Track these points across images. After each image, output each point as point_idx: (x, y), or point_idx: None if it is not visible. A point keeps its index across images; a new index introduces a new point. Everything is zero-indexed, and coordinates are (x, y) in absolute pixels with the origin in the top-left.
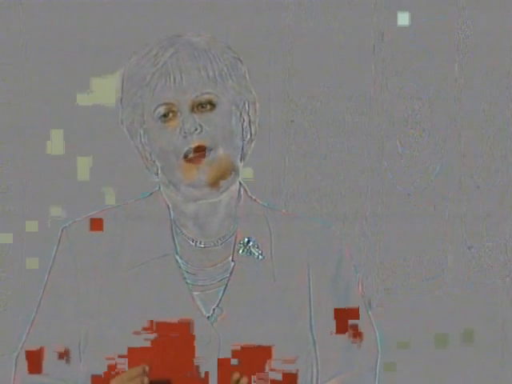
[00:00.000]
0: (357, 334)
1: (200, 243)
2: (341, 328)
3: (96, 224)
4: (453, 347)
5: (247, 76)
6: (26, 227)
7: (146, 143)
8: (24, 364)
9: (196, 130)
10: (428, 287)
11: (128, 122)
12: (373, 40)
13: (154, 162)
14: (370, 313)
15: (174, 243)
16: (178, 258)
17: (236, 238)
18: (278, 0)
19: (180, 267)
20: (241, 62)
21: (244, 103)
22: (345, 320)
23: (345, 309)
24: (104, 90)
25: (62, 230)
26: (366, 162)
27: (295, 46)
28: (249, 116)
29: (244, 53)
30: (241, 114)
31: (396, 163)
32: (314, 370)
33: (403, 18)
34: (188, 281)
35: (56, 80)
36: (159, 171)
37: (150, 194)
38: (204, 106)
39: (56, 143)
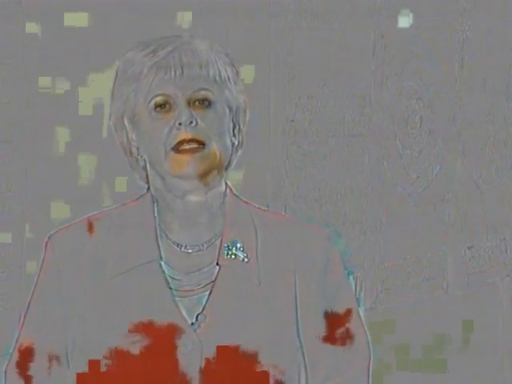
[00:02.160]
0: (347, 337)
1: (185, 247)
2: (330, 334)
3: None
4: (452, 347)
5: (241, 84)
6: (26, 229)
7: (134, 138)
8: (14, 375)
9: (191, 123)
10: (428, 287)
11: (117, 114)
12: (373, 40)
13: (141, 157)
14: (361, 316)
15: (159, 249)
16: (162, 263)
17: (222, 240)
18: (279, 0)
19: (164, 273)
20: (236, 69)
21: (237, 109)
22: (334, 326)
23: (334, 314)
24: (105, 88)
25: (48, 238)
26: (366, 162)
27: (295, 46)
28: (238, 123)
29: (244, 53)
30: (232, 120)
31: (396, 163)
32: (302, 374)
33: (404, 21)
34: (172, 287)
35: (56, 79)
36: (148, 166)
37: (137, 199)
38: (200, 102)
39: (57, 143)
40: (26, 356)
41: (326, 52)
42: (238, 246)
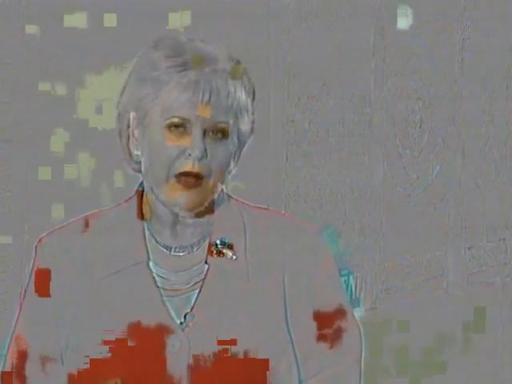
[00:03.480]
0: (337, 335)
1: (175, 250)
2: (320, 332)
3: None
4: (452, 347)
5: (254, 112)
6: (26, 229)
7: (136, 136)
8: (10, 378)
9: (202, 157)
10: (428, 287)
11: (126, 107)
12: (373, 40)
13: (138, 156)
14: (351, 309)
15: (147, 251)
16: (151, 264)
17: (211, 238)
18: (278, 0)
19: (153, 274)
20: (254, 93)
21: (242, 138)
22: (323, 324)
23: (323, 312)
24: (104, 88)
25: (38, 241)
26: (366, 162)
27: (295, 46)
28: (240, 151)
29: (244, 53)
30: (236, 148)
31: (396, 163)
32: (294, 369)
33: (404, 21)
34: (161, 286)
35: (56, 80)
36: (142, 169)
37: (127, 200)
38: (215, 133)
39: (56, 143)
40: (20, 358)
41: (325, 52)
42: (227, 243)
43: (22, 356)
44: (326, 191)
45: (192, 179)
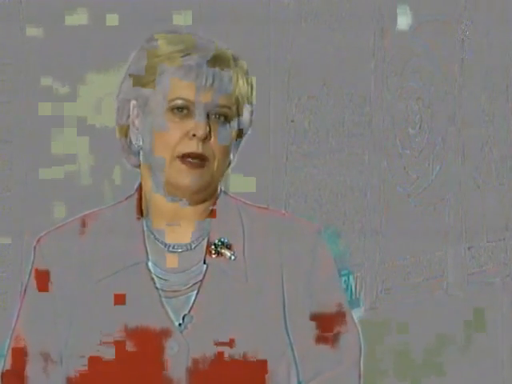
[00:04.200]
0: (335, 337)
1: (173, 247)
2: (318, 334)
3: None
4: (452, 347)
5: (252, 104)
6: (25, 229)
7: (136, 126)
8: (11, 378)
9: (205, 138)
10: (428, 287)
11: (127, 96)
12: (373, 40)
13: (138, 146)
14: (350, 310)
15: (146, 250)
16: (150, 264)
17: (209, 238)
18: (278, 0)
19: (152, 274)
20: (253, 86)
21: (242, 128)
22: (322, 326)
23: (322, 313)
24: (105, 87)
25: (37, 242)
26: (366, 162)
27: (295, 46)
28: (239, 143)
29: (244, 53)
30: (236, 139)
31: (396, 163)
32: (292, 371)
33: (404, 21)
34: (160, 288)
35: (56, 80)
36: (141, 158)
37: (127, 198)
38: (217, 117)
39: (57, 143)
40: (20, 357)
41: (326, 52)
42: (225, 243)
43: (22, 356)
44: (326, 191)
45: (197, 160)
